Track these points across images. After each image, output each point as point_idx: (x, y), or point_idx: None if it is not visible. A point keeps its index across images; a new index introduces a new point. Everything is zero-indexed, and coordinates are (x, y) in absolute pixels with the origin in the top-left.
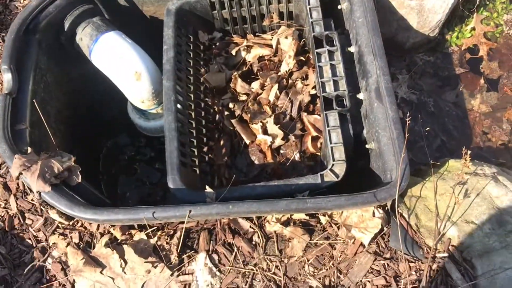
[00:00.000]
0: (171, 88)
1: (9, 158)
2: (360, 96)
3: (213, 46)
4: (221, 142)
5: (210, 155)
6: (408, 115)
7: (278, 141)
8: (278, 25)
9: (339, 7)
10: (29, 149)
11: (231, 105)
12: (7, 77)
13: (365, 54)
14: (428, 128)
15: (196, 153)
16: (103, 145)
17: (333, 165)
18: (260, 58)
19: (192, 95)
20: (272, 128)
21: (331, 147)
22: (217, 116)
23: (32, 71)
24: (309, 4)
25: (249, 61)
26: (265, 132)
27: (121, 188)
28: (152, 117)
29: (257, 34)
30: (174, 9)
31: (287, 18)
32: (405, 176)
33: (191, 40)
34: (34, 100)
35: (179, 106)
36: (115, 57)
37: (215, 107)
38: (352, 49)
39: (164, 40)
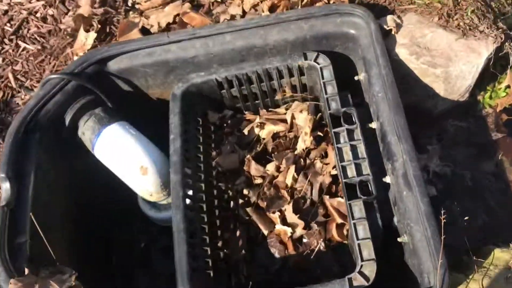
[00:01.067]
0: (178, 183)
1: (5, 282)
2: (387, 179)
3: (225, 125)
4: (237, 233)
5: (225, 250)
6: (442, 212)
7: (299, 231)
8: (292, 98)
9: (356, 78)
10: (26, 271)
11: (245, 191)
12: (5, 186)
13: (388, 134)
14: (467, 218)
15: (209, 252)
16: (115, 237)
17: (361, 266)
18: (275, 135)
19: (203, 185)
20: (292, 217)
21: (358, 244)
22: (232, 203)
23: (32, 175)
24: (322, 78)
25: (263, 138)
26: (284, 221)
27: (138, 283)
28: (163, 208)
29: (270, 109)
30: (179, 94)
31: (301, 90)
32: (445, 284)
33: (200, 123)
34: (32, 212)
35: (188, 201)
36: (119, 151)
37: (229, 191)
38: (373, 125)
39: (170, 129)
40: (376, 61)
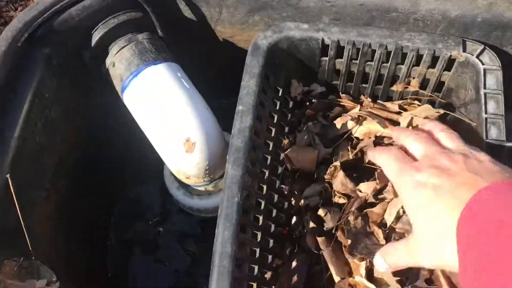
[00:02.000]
0: (237, 182)
1: None
2: None
3: (307, 103)
4: (293, 265)
5: (273, 286)
6: None
7: None
8: (415, 97)
9: None
10: None
11: (321, 211)
12: None
13: None
14: None
15: None
16: (119, 199)
17: None
18: (376, 139)
19: (265, 186)
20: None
21: None
22: (294, 219)
23: (27, 103)
24: (484, 87)
25: (357, 139)
26: (370, 276)
27: (132, 266)
28: (197, 193)
29: (378, 101)
30: (265, 47)
31: (433, 89)
32: None
33: (279, 94)
34: (13, 158)
35: (241, 210)
36: (160, 108)
37: (292, 199)
38: None
39: (241, 96)
40: None
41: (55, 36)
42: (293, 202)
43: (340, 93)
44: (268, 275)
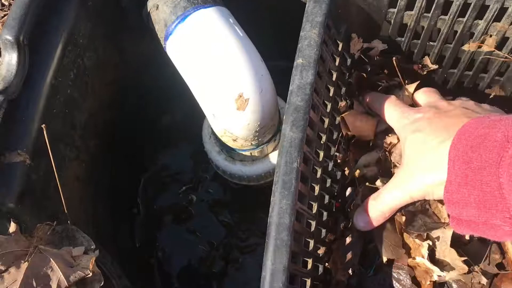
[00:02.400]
0: (296, 145)
1: None
2: None
3: (366, 64)
4: (347, 241)
5: (327, 263)
6: None
7: (452, 275)
8: (488, 56)
9: None
10: (13, 226)
11: (378, 182)
12: (9, 58)
13: None
14: None
15: (311, 265)
16: (149, 164)
17: None
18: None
19: (321, 153)
20: (448, 253)
21: None
22: (348, 190)
23: (59, 49)
24: None
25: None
26: (432, 257)
27: (161, 238)
28: (240, 159)
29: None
30: None
31: (511, 49)
32: None
33: (339, 49)
34: (45, 113)
35: (300, 177)
36: (211, 61)
37: (346, 169)
38: None
39: (301, 47)
40: None
41: None
42: (346, 172)
43: (404, 52)
44: (321, 250)
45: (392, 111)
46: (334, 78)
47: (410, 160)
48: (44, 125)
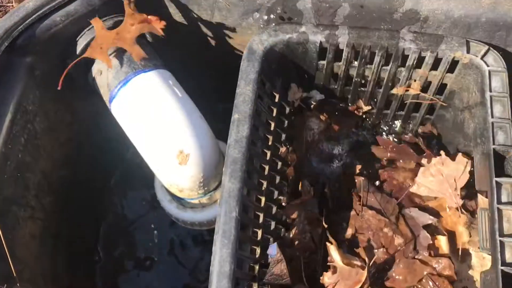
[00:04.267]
0: (235, 195)
1: None
2: None
3: (304, 109)
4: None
5: None
6: None
7: None
8: (415, 101)
9: None
10: None
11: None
12: None
13: None
14: None
15: None
16: (107, 213)
17: None
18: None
19: (263, 199)
20: None
21: None
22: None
23: (8, 118)
24: (490, 90)
25: None
26: None
27: (122, 283)
28: (190, 206)
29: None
30: (261, 52)
31: (435, 92)
32: None
33: (275, 100)
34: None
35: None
36: (152, 121)
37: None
38: None
39: (237, 103)
40: None
41: (38, 44)
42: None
43: (337, 95)
44: None
45: None
46: (272, 128)
47: None
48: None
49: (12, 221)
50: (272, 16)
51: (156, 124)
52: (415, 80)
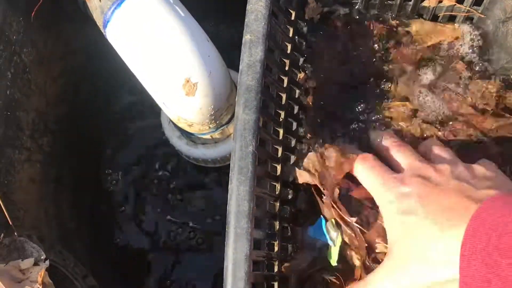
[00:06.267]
0: (250, 128)
1: None
2: None
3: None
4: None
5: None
6: None
7: None
8: (449, 13)
9: None
10: None
11: None
12: None
13: None
14: None
15: (275, 251)
16: (112, 155)
17: None
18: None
19: (281, 130)
20: None
21: None
22: None
23: None
24: None
25: None
26: None
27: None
28: (201, 142)
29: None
30: None
31: (472, 2)
32: None
33: (292, 18)
34: None
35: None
36: (153, 47)
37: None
38: None
39: (248, 22)
40: None
41: None
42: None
43: (366, 13)
44: (288, 231)
45: (372, 180)
46: (289, 50)
47: (401, 249)
48: None
49: (7, 165)
50: None
51: (157, 50)
52: None
